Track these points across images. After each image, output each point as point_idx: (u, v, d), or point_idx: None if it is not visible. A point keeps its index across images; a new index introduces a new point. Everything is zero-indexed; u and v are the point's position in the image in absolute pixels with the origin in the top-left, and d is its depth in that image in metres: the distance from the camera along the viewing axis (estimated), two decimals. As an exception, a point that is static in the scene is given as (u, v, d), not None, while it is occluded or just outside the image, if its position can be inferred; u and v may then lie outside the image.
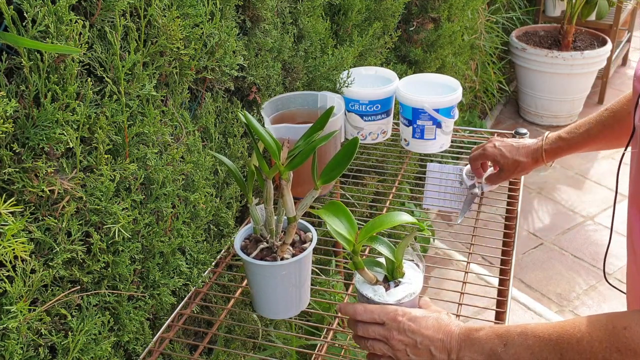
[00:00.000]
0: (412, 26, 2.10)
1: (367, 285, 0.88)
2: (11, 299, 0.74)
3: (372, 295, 0.86)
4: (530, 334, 0.75)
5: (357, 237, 0.84)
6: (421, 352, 0.81)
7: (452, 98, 1.43)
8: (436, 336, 0.81)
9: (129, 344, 0.97)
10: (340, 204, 0.85)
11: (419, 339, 0.81)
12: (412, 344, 0.81)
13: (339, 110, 1.26)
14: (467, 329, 0.80)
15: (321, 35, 1.45)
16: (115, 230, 0.87)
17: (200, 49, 1.04)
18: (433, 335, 0.81)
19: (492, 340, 0.77)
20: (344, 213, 0.85)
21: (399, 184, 1.49)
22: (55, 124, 0.75)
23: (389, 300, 0.85)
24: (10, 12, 0.68)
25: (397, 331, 0.82)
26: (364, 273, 0.88)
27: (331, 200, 0.86)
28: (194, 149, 1.06)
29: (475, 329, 0.80)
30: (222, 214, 1.18)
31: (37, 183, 0.75)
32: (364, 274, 0.88)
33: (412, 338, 0.81)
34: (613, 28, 3.82)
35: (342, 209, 0.85)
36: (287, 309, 1.02)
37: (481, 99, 3.50)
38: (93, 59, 0.84)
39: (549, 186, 3.15)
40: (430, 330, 0.81)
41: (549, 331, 0.74)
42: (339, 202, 0.85)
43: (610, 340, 0.68)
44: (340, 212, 0.85)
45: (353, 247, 0.84)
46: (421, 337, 0.81)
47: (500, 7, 3.51)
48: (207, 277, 1.13)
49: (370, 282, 0.88)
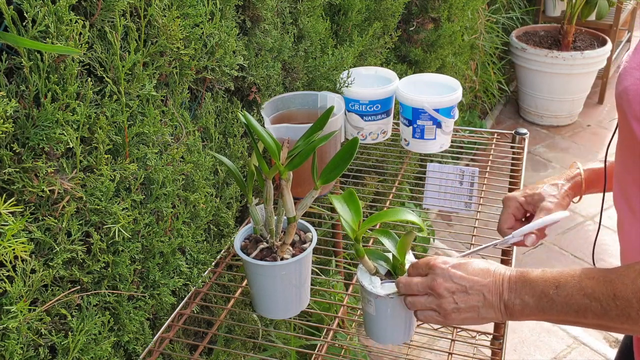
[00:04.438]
0: (412, 26, 2.10)
1: (366, 275, 0.90)
2: (11, 299, 0.74)
3: (367, 284, 0.88)
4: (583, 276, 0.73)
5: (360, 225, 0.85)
6: (472, 297, 0.79)
7: (452, 98, 1.43)
8: (484, 281, 0.78)
9: (129, 344, 0.97)
10: (355, 195, 0.86)
11: (468, 284, 0.79)
12: (460, 289, 0.79)
13: (339, 110, 1.26)
14: (522, 271, 0.78)
15: (321, 35, 1.45)
16: (115, 230, 0.87)
17: (200, 49, 1.04)
18: (481, 280, 0.78)
19: (544, 282, 0.75)
20: (353, 203, 0.86)
21: (399, 184, 1.49)
22: (55, 124, 0.75)
23: (379, 292, 0.86)
24: (10, 12, 0.68)
25: (443, 278, 0.80)
26: (365, 262, 0.89)
27: (349, 189, 0.88)
28: (194, 149, 1.06)
29: (528, 271, 0.78)
30: (222, 214, 1.18)
31: (37, 183, 0.75)
32: (364, 262, 0.90)
33: (459, 284, 0.79)
34: (613, 28, 3.82)
35: (354, 199, 0.86)
36: (287, 309, 1.01)
37: (481, 99, 3.50)
38: (93, 59, 0.84)
39: (549, 186, 3.15)
40: (478, 275, 0.79)
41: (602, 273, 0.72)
42: (354, 192, 0.87)
43: None
44: (351, 201, 0.86)
45: (355, 235, 0.85)
46: (470, 282, 0.79)
47: (500, 7, 3.51)
48: (207, 277, 1.13)
49: (370, 272, 0.90)
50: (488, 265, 0.81)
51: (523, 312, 0.77)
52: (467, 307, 0.79)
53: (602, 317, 0.71)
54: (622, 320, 0.70)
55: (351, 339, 1.76)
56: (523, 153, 1.48)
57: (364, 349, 1.88)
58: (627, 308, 0.69)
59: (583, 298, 0.72)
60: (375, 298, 0.88)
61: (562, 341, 2.23)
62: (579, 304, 0.72)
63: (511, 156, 1.50)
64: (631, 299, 0.68)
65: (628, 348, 0.98)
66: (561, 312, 0.74)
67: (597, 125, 3.65)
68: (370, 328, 0.94)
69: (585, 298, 0.72)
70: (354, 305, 1.22)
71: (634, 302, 0.68)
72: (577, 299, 0.72)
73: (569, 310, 0.73)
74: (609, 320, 0.71)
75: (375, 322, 0.92)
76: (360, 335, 1.85)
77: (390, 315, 0.90)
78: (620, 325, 0.71)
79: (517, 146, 1.51)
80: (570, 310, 0.73)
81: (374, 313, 0.91)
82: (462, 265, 0.81)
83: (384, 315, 0.91)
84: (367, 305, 0.91)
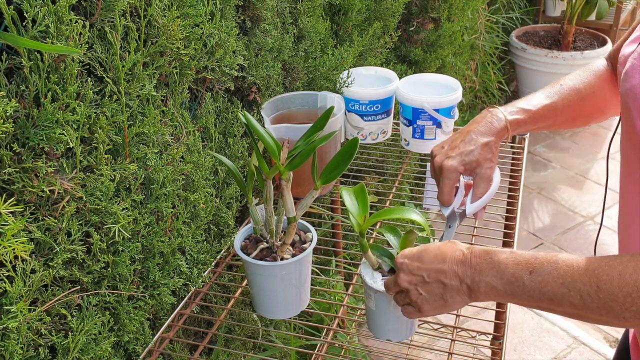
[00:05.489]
0: (412, 26, 2.10)
1: (369, 269, 0.92)
2: (11, 299, 0.74)
3: (368, 278, 0.90)
4: (561, 263, 0.69)
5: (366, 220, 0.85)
6: (431, 285, 0.77)
7: (452, 98, 1.43)
8: (440, 266, 0.76)
9: (129, 344, 0.97)
10: (365, 190, 0.87)
11: (425, 274, 0.77)
12: (419, 281, 0.78)
13: (339, 110, 1.26)
14: (485, 251, 0.75)
15: (321, 35, 1.45)
16: (115, 230, 0.87)
17: (200, 49, 1.04)
18: (439, 266, 0.76)
19: (515, 265, 0.71)
20: (363, 197, 0.86)
21: (399, 184, 1.49)
22: (55, 124, 0.75)
23: (379, 288, 0.88)
24: (10, 12, 0.68)
25: (404, 273, 0.79)
26: (368, 257, 0.91)
27: (361, 183, 0.89)
28: (194, 149, 1.06)
29: (495, 251, 0.74)
30: (222, 214, 1.18)
31: (37, 183, 0.75)
32: (368, 257, 0.91)
33: (417, 275, 0.78)
34: (613, 28, 3.82)
35: (363, 194, 0.86)
36: (287, 309, 1.02)
37: (481, 99, 3.50)
38: (93, 59, 0.84)
39: (549, 186, 3.15)
40: (434, 263, 0.77)
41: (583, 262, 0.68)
42: (364, 187, 0.87)
43: None
44: (360, 195, 0.87)
45: (360, 229, 0.86)
46: (426, 271, 0.77)
47: (500, 7, 3.51)
48: (207, 277, 1.13)
49: (372, 267, 0.91)
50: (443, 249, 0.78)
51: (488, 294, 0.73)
52: (431, 296, 0.78)
53: (580, 308, 0.68)
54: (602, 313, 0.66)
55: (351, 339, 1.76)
56: (523, 153, 1.48)
57: (364, 349, 1.88)
58: (611, 302, 0.65)
59: (560, 287, 0.68)
60: (375, 293, 0.90)
61: (562, 341, 2.23)
62: (554, 292, 0.68)
63: (511, 156, 1.50)
64: (617, 293, 0.64)
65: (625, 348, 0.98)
66: (533, 299, 0.70)
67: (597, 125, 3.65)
68: (371, 323, 0.97)
69: (564, 287, 0.68)
70: (354, 305, 1.22)
71: (620, 297, 0.64)
72: (553, 287, 0.68)
73: (542, 298, 0.69)
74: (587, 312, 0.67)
75: (375, 317, 0.94)
76: (360, 335, 1.85)
77: (389, 311, 0.91)
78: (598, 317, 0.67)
79: (517, 146, 1.51)
80: (544, 298, 0.69)
81: (374, 308, 0.93)
82: (418, 254, 0.79)
83: (383, 311, 0.92)
84: (369, 300, 0.93)
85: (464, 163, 0.99)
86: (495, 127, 1.01)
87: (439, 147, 1.04)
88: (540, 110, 1.03)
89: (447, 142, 1.03)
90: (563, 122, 1.07)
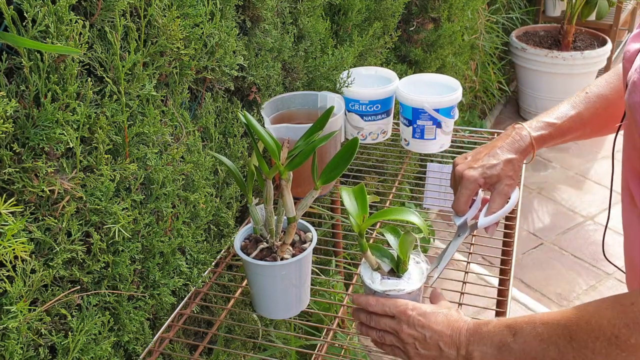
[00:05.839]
0: (412, 26, 2.10)
1: (368, 270, 0.91)
2: (11, 299, 0.74)
3: (367, 279, 0.90)
4: (538, 322, 0.76)
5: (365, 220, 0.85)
6: (430, 346, 0.82)
7: (452, 98, 1.43)
8: (445, 332, 0.81)
9: (129, 344, 0.97)
10: (365, 190, 0.87)
11: (428, 334, 0.82)
12: (421, 338, 0.82)
13: (339, 110, 1.26)
14: (476, 324, 0.81)
15: (321, 35, 1.45)
16: (115, 230, 0.87)
17: (200, 49, 1.04)
18: (442, 331, 0.81)
19: (500, 332, 0.78)
20: (362, 198, 0.87)
21: (399, 184, 1.49)
22: (55, 124, 0.75)
23: (377, 288, 0.88)
24: (10, 12, 0.68)
25: (407, 325, 0.83)
26: (368, 257, 0.90)
27: (361, 184, 0.89)
28: (194, 149, 1.06)
29: (484, 323, 0.81)
30: (222, 214, 1.18)
31: (37, 183, 0.75)
32: (367, 257, 0.90)
33: (421, 332, 0.82)
34: (613, 28, 3.82)
35: (363, 195, 0.87)
36: (287, 309, 1.02)
37: (481, 99, 3.50)
38: (93, 59, 0.84)
39: (549, 186, 3.15)
40: (439, 326, 0.82)
41: (556, 317, 0.75)
42: (364, 187, 0.87)
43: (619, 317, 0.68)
44: (359, 196, 0.87)
45: (359, 229, 0.86)
46: (430, 332, 0.82)
47: (500, 7, 3.51)
48: (207, 277, 1.13)
49: (372, 267, 0.91)
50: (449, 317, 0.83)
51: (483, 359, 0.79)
52: (427, 354, 0.83)
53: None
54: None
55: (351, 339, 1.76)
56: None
57: (364, 349, 1.88)
58: (583, 349, 0.70)
59: (540, 344, 0.74)
60: (373, 293, 0.90)
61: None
62: (536, 350, 0.74)
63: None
64: (586, 339, 0.70)
65: None
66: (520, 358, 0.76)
67: (597, 125, 3.65)
68: None
69: (542, 343, 0.74)
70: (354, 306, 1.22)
71: (589, 343, 0.70)
72: (533, 345, 0.74)
73: (527, 357, 0.75)
74: None
75: None
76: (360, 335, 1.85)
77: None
78: None
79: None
80: (529, 357, 0.75)
81: None
82: (427, 313, 0.84)
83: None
84: None
85: (485, 176, 1.00)
86: (520, 146, 1.03)
87: (463, 157, 1.06)
88: (567, 123, 1.03)
89: (472, 154, 1.05)
90: (592, 132, 1.07)
